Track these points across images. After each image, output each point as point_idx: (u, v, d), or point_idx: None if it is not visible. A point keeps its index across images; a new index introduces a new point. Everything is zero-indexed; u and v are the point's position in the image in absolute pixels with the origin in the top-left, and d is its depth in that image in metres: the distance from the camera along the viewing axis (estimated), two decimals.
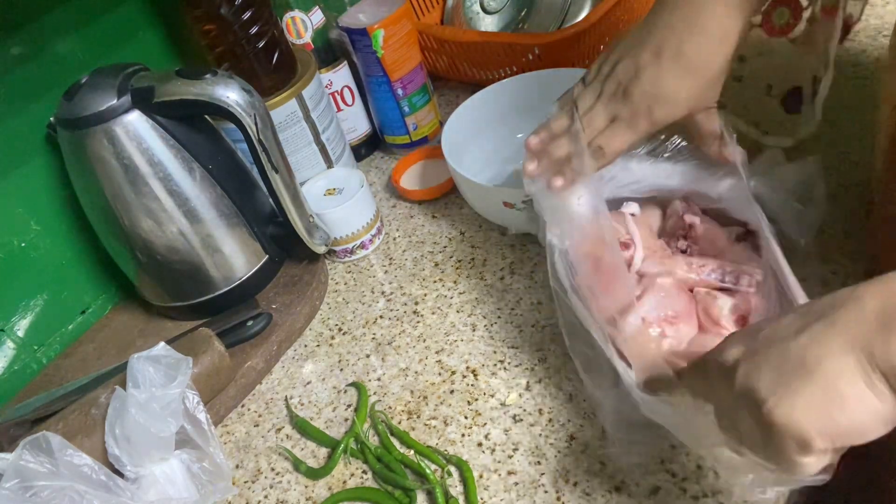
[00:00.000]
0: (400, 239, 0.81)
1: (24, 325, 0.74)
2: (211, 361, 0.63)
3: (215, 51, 0.76)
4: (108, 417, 0.55)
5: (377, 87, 0.88)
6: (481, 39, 0.93)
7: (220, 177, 0.70)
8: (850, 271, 0.60)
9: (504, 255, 0.74)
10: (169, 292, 0.74)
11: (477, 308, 0.70)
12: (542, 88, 0.82)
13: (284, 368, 0.70)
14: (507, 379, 0.62)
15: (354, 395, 0.65)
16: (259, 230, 0.74)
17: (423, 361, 0.66)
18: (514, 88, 0.83)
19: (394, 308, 0.73)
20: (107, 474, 0.52)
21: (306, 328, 0.74)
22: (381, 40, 0.83)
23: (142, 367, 0.56)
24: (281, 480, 0.60)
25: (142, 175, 0.65)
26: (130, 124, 0.64)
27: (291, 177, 0.70)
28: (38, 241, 0.73)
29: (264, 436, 0.65)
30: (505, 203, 0.70)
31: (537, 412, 0.59)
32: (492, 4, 1.04)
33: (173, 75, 0.64)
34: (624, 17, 0.97)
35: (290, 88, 0.78)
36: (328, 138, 0.84)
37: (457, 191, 0.82)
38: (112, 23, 0.76)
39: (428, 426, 0.61)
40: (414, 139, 0.92)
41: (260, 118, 0.65)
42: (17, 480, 0.48)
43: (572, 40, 0.88)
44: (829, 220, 0.57)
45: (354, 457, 0.60)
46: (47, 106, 0.68)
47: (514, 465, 0.56)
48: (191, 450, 0.56)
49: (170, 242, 0.69)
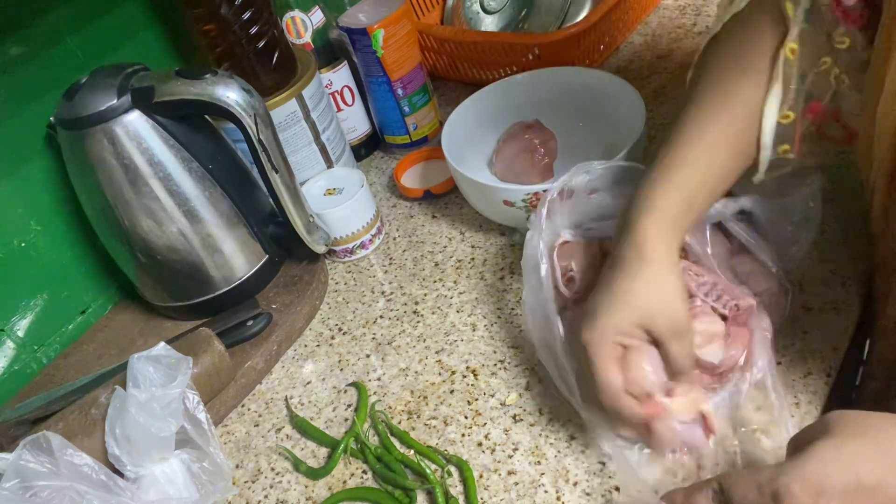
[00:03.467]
0: (400, 239, 0.81)
1: (24, 325, 0.74)
2: (211, 361, 0.63)
3: (215, 51, 0.76)
4: (108, 417, 0.55)
5: (377, 87, 0.88)
6: (481, 39, 0.93)
7: (220, 177, 0.70)
8: (850, 271, 0.60)
9: (504, 255, 0.74)
10: (169, 292, 0.74)
11: (477, 308, 0.70)
12: (542, 88, 0.82)
13: (284, 368, 0.70)
14: (507, 379, 0.62)
15: (354, 395, 0.65)
16: (259, 230, 0.74)
17: (423, 361, 0.66)
18: (514, 88, 0.83)
19: (394, 308, 0.73)
20: (107, 474, 0.52)
21: (306, 328, 0.74)
22: (381, 40, 0.83)
23: (142, 367, 0.56)
24: (281, 480, 0.61)
25: (142, 175, 0.65)
26: (130, 124, 0.64)
27: (291, 177, 0.70)
28: (38, 241, 0.73)
29: (264, 436, 0.65)
30: (505, 202, 0.70)
31: (537, 412, 0.59)
32: (492, 4, 1.04)
33: (173, 75, 0.64)
34: (624, 17, 0.97)
35: (290, 88, 0.78)
36: (328, 138, 0.84)
37: (457, 191, 0.82)
38: (112, 23, 0.76)
39: (428, 426, 0.61)
40: (414, 139, 0.92)
41: (260, 118, 0.65)
42: (17, 480, 0.48)
43: (572, 40, 0.88)
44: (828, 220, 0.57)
45: (354, 457, 0.60)
46: (47, 106, 0.68)
47: (514, 465, 0.56)
48: (191, 450, 0.56)
49: (170, 242, 0.69)
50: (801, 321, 0.58)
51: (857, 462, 0.37)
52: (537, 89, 0.82)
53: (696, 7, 1.02)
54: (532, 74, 0.82)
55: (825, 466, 0.38)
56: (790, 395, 0.54)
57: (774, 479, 0.39)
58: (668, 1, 1.05)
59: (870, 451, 0.38)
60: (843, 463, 0.38)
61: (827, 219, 0.57)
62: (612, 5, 0.89)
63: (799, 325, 0.58)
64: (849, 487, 0.37)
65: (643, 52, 0.98)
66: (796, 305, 0.58)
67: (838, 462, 0.38)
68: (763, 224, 0.58)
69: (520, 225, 0.73)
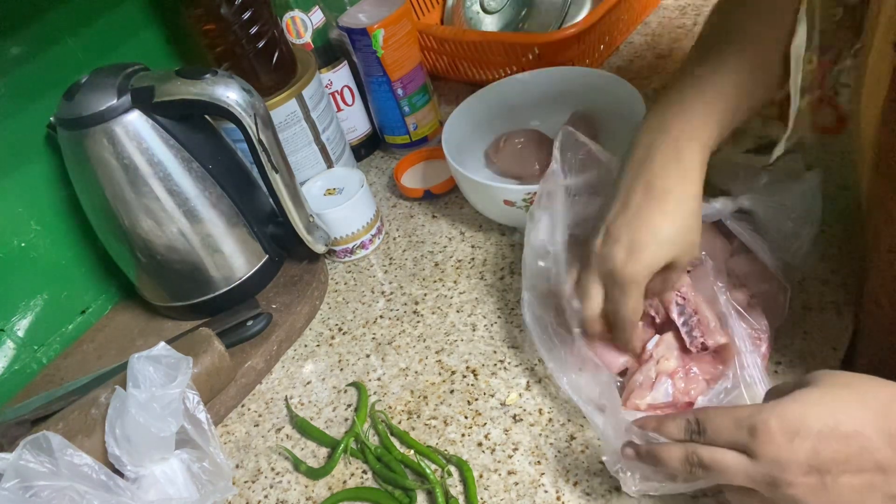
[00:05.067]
0: (400, 239, 0.81)
1: (24, 325, 0.74)
2: (211, 361, 0.63)
3: (215, 51, 0.76)
4: (108, 417, 0.55)
5: (377, 87, 0.88)
6: (481, 39, 0.93)
7: (220, 177, 0.69)
8: (850, 271, 0.60)
9: (504, 255, 0.74)
10: (169, 292, 0.74)
11: (477, 308, 0.70)
12: (542, 88, 0.82)
13: (284, 368, 0.70)
14: (507, 379, 0.62)
15: (354, 395, 0.65)
16: (259, 230, 0.74)
17: (423, 361, 0.66)
18: (514, 88, 0.83)
19: (394, 308, 0.73)
20: (107, 474, 0.52)
21: (306, 328, 0.74)
22: (381, 40, 0.83)
23: (142, 367, 0.56)
24: (281, 480, 0.61)
25: (142, 175, 0.65)
26: (130, 124, 0.64)
27: (291, 177, 0.70)
28: (38, 241, 0.73)
29: (264, 436, 0.65)
30: (505, 201, 0.70)
31: (537, 412, 0.59)
32: (492, 4, 1.04)
33: (173, 75, 0.64)
34: (624, 17, 0.97)
35: (290, 88, 0.78)
36: (328, 138, 0.84)
37: (457, 190, 0.82)
38: (112, 23, 0.76)
39: (428, 426, 0.61)
40: (414, 139, 0.92)
41: (260, 118, 0.65)
42: (17, 480, 0.48)
43: (572, 40, 0.88)
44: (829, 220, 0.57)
45: (354, 457, 0.60)
46: (47, 106, 0.68)
47: (514, 465, 0.56)
48: (191, 450, 0.56)
49: (170, 242, 0.69)
50: (801, 321, 0.58)
51: (838, 409, 0.38)
52: (537, 89, 0.82)
53: (697, 7, 1.02)
54: (532, 74, 0.82)
55: (806, 409, 0.38)
56: None
57: (753, 414, 0.39)
58: (668, 1, 1.05)
59: (851, 401, 0.38)
60: (824, 408, 0.38)
61: (827, 219, 0.57)
62: (612, 5, 0.89)
63: (799, 325, 0.58)
64: (825, 430, 0.37)
65: (643, 52, 0.98)
66: (796, 305, 0.58)
67: (820, 407, 0.38)
68: (763, 222, 0.58)
69: (520, 225, 0.73)
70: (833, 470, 0.37)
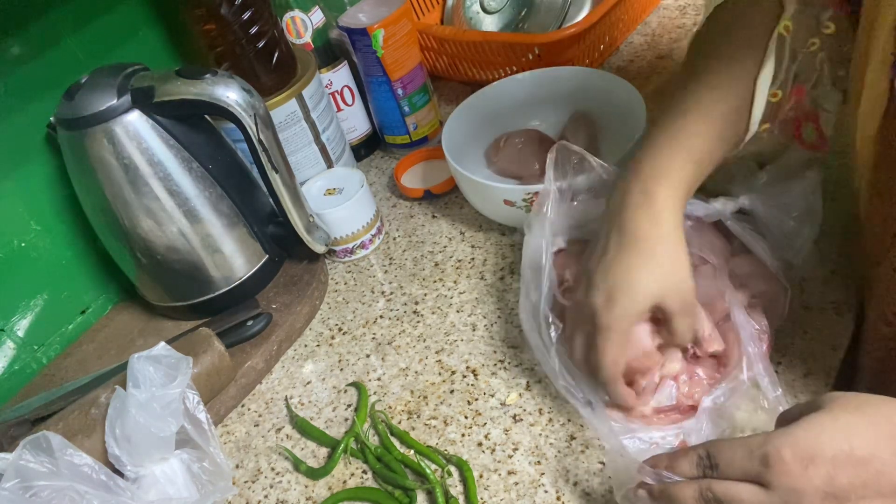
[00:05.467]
0: (400, 239, 0.81)
1: (24, 325, 0.74)
2: (211, 361, 0.63)
3: (215, 51, 0.76)
4: (108, 417, 0.55)
5: (377, 87, 0.88)
6: (481, 39, 0.93)
7: (220, 177, 0.70)
8: (850, 271, 0.60)
9: (504, 255, 0.74)
10: (169, 292, 0.74)
11: (477, 308, 0.70)
12: (542, 88, 0.82)
13: (284, 368, 0.70)
14: (507, 379, 0.62)
15: (354, 395, 0.65)
16: (259, 230, 0.74)
17: (423, 361, 0.66)
18: (514, 88, 0.83)
19: (394, 308, 0.73)
20: (107, 474, 0.52)
21: (306, 328, 0.74)
22: (381, 40, 0.83)
23: (142, 367, 0.56)
24: (281, 480, 0.61)
25: (142, 175, 0.65)
26: (130, 124, 0.64)
27: (291, 177, 0.70)
28: (38, 241, 0.73)
29: (264, 436, 0.65)
30: (506, 201, 0.70)
31: (537, 412, 0.59)
32: (492, 4, 1.04)
33: (173, 75, 0.64)
34: (624, 17, 0.97)
35: (290, 88, 0.78)
36: (328, 138, 0.84)
37: (457, 190, 0.82)
38: (112, 23, 0.76)
39: (428, 426, 0.61)
40: (414, 139, 0.92)
41: (260, 118, 0.65)
42: (17, 480, 0.48)
43: (572, 40, 0.88)
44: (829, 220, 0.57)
45: (354, 457, 0.60)
46: (47, 106, 0.68)
47: (514, 465, 0.56)
48: (191, 450, 0.56)
49: (170, 242, 0.69)
50: (801, 321, 0.58)
51: (851, 433, 0.37)
52: (537, 89, 0.82)
53: (697, 7, 1.02)
54: (532, 74, 0.82)
55: (818, 434, 0.38)
56: (790, 396, 0.54)
57: (764, 443, 0.38)
58: (668, 1, 1.05)
59: (864, 425, 0.38)
60: (837, 433, 0.37)
61: (828, 218, 0.57)
62: (612, 5, 0.89)
63: (799, 325, 0.58)
64: (840, 456, 0.36)
65: (643, 52, 0.97)
66: (796, 305, 0.58)
67: (832, 431, 0.37)
68: (764, 221, 0.58)
69: (520, 225, 0.73)
70: (851, 496, 0.36)
